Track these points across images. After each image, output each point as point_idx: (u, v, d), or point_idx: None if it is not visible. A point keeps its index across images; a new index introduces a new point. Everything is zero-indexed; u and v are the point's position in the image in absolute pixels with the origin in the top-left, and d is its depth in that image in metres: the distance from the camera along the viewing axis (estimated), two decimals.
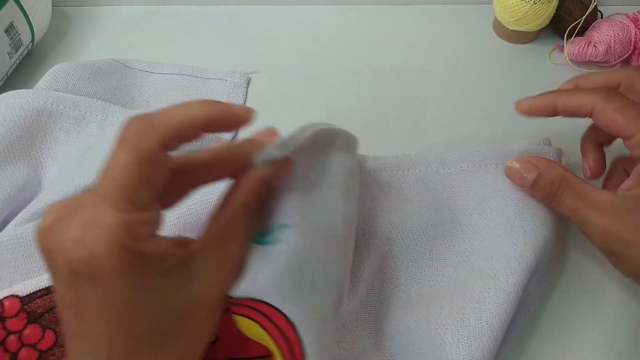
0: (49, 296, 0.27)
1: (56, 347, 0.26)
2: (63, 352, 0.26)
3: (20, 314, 0.26)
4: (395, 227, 0.34)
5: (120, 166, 0.19)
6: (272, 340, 0.24)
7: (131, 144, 0.19)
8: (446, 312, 0.30)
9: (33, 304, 0.26)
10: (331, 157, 0.28)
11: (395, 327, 0.32)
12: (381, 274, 0.33)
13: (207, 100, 0.22)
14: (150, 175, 0.20)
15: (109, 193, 0.19)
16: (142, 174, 0.19)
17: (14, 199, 0.36)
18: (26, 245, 0.31)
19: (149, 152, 0.19)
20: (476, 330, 0.29)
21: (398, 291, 0.33)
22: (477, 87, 0.47)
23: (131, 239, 0.19)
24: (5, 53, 0.44)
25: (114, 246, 0.18)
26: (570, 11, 0.48)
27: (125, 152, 0.19)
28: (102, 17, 0.54)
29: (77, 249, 0.18)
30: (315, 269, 0.25)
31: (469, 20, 0.53)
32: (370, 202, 0.35)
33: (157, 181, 0.20)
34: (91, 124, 0.39)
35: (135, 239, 0.19)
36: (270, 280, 0.23)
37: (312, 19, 0.54)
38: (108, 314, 0.19)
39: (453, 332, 0.29)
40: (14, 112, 0.37)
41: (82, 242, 0.18)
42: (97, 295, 0.19)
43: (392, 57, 0.50)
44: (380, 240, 0.34)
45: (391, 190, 0.36)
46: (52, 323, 0.26)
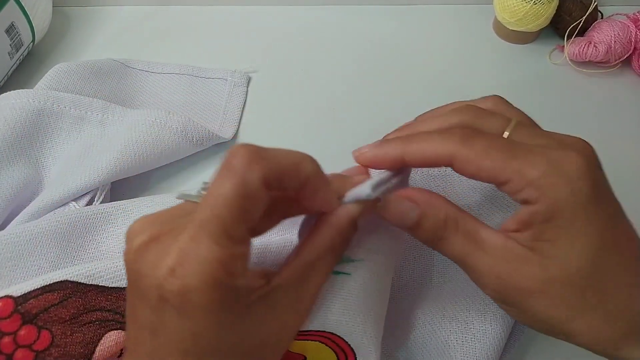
0: (44, 296, 0.26)
1: (52, 347, 0.26)
2: (59, 352, 0.26)
3: (14, 315, 0.26)
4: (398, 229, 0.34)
5: (223, 197, 0.18)
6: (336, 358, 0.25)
7: (236, 176, 0.19)
8: (450, 314, 0.30)
9: (27, 304, 0.26)
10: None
11: (402, 331, 0.32)
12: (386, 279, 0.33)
13: (318, 169, 0.21)
14: (250, 210, 0.19)
15: (209, 224, 0.18)
16: (243, 209, 0.19)
17: (15, 199, 0.36)
18: (26, 243, 0.31)
19: (252, 187, 0.19)
20: (480, 332, 0.29)
21: (402, 292, 0.33)
22: (477, 87, 0.47)
23: (226, 275, 0.19)
24: (5, 53, 0.44)
25: (209, 281, 0.18)
26: (570, 11, 0.48)
27: (229, 183, 0.18)
28: (102, 17, 0.54)
29: (172, 279, 0.18)
30: (376, 302, 0.26)
31: (469, 21, 0.53)
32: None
33: (254, 216, 0.19)
34: (92, 123, 0.39)
35: (230, 275, 0.19)
36: (342, 317, 0.24)
37: (312, 19, 0.54)
38: (187, 346, 0.19)
39: (457, 334, 0.29)
40: (15, 112, 0.37)
41: (177, 274, 0.18)
42: (182, 326, 0.19)
43: (392, 57, 0.50)
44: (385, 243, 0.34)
45: None
46: (47, 323, 0.26)
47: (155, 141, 0.37)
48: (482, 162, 0.22)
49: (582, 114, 0.45)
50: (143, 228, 0.20)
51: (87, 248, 0.33)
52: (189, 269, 0.18)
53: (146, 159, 0.37)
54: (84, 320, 0.27)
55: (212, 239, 0.18)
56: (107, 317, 0.27)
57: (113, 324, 0.27)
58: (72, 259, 0.32)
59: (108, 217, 0.33)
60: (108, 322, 0.27)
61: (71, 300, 0.27)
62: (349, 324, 0.24)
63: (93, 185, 0.35)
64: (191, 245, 0.18)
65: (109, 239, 0.33)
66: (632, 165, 0.42)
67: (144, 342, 0.20)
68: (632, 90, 0.47)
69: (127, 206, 0.34)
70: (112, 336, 0.27)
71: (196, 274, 0.18)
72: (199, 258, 0.18)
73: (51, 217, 0.33)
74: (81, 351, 0.26)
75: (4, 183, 0.36)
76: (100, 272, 0.27)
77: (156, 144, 0.37)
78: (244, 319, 0.20)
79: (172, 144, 0.38)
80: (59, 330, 0.26)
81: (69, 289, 0.27)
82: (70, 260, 0.32)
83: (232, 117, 0.45)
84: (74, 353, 0.26)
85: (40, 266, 0.31)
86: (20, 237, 0.31)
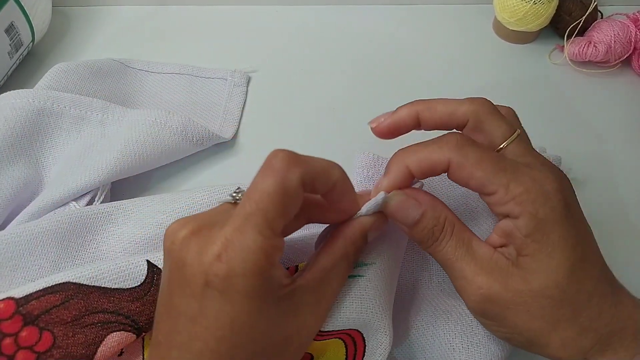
0: (46, 297, 0.26)
1: (54, 348, 0.26)
2: (61, 354, 0.26)
3: (15, 316, 0.26)
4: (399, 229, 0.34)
5: (266, 193, 0.20)
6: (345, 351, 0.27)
7: (279, 175, 0.21)
8: (454, 318, 0.30)
9: (29, 305, 0.26)
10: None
11: (402, 329, 0.32)
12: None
13: (344, 174, 0.23)
14: (289, 207, 0.21)
15: (254, 217, 0.20)
16: (283, 205, 0.21)
17: (15, 199, 0.36)
18: (26, 243, 0.31)
19: (292, 185, 0.21)
20: (485, 336, 0.29)
21: (404, 293, 0.33)
22: (477, 87, 0.47)
23: (268, 264, 0.20)
24: (5, 53, 0.44)
25: (253, 268, 0.20)
26: (570, 11, 0.48)
27: (272, 181, 0.20)
28: (102, 17, 0.54)
29: (218, 264, 0.20)
30: (387, 299, 0.27)
31: (469, 20, 0.53)
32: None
33: (292, 213, 0.21)
34: (92, 123, 0.39)
35: (270, 264, 0.21)
36: (359, 315, 0.25)
37: (312, 19, 0.54)
38: (224, 331, 0.20)
39: (462, 337, 0.29)
40: (15, 112, 0.37)
41: (223, 258, 0.20)
42: (223, 311, 0.20)
43: (392, 57, 0.50)
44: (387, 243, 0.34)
45: None
46: (49, 324, 0.26)
47: (155, 141, 0.37)
48: (474, 171, 0.24)
49: (582, 114, 0.45)
50: (185, 224, 0.21)
51: (87, 248, 0.33)
52: (234, 255, 0.20)
53: (146, 158, 0.37)
54: (86, 322, 0.27)
55: (257, 229, 0.20)
56: (110, 319, 0.27)
57: (115, 325, 0.27)
58: (73, 258, 0.32)
59: (108, 217, 0.33)
60: (110, 324, 0.27)
61: (73, 301, 0.27)
62: (364, 319, 0.26)
63: (93, 185, 0.35)
64: (236, 235, 0.20)
65: (109, 238, 0.33)
66: (632, 165, 0.42)
67: (181, 331, 0.21)
68: (632, 90, 0.47)
69: (127, 206, 0.34)
70: (114, 337, 0.27)
71: (241, 260, 0.20)
72: (243, 246, 0.20)
73: (51, 217, 0.33)
74: (83, 352, 0.26)
75: (4, 183, 0.36)
76: (103, 274, 0.27)
77: (156, 144, 0.37)
78: (273, 312, 0.21)
79: (172, 144, 0.38)
80: (60, 332, 0.26)
81: (71, 291, 0.27)
82: (70, 260, 0.32)
83: (232, 117, 0.45)
84: (75, 354, 0.26)
85: (40, 266, 0.31)
86: (20, 237, 0.31)
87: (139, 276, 0.27)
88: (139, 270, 0.27)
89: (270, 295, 0.21)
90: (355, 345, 0.26)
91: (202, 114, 0.45)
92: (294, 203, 0.21)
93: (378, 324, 0.26)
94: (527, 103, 0.46)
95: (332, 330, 0.25)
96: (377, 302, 0.26)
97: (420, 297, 0.32)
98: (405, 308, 0.32)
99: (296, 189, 0.21)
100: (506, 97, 0.47)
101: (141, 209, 0.34)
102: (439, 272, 0.33)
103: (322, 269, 0.24)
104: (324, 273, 0.24)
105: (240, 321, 0.20)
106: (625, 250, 0.37)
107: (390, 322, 0.27)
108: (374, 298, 0.26)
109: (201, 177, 0.41)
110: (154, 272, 0.28)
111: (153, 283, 0.28)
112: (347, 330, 0.26)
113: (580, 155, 0.42)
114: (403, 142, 0.43)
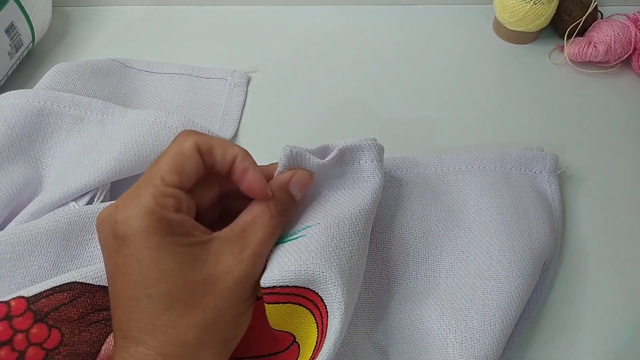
0: (55, 296, 0.27)
1: (62, 345, 0.26)
2: (68, 351, 0.26)
3: (26, 313, 0.26)
4: (390, 221, 0.34)
5: (164, 154, 0.25)
6: (314, 319, 0.26)
7: (176, 141, 0.25)
8: (449, 313, 0.30)
9: (39, 303, 0.27)
10: (360, 170, 0.31)
11: (395, 324, 0.32)
12: (378, 270, 0.33)
13: (246, 153, 0.26)
14: (184, 166, 0.24)
15: (148, 173, 0.24)
16: (177, 162, 0.24)
17: (15, 199, 0.36)
18: (26, 243, 0.31)
19: (185, 147, 0.25)
20: (479, 332, 0.29)
21: (396, 286, 0.33)
22: (477, 87, 0.48)
23: (157, 206, 0.23)
24: (5, 53, 0.44)
25: (143, 209, 0.23)
26: (570, 11, 0.48)
27: (170, 147, 0.25)
28: (102, 17, 0.54)
29: (117, 213, 0.23)
30: (338, 256, 0.26)
31: (469, 21, 0.53)
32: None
33: (188, 172, 0.24)
34: (91, 123, 0.39)
35: (160, 206, 0.23)
36: (299, 267, 0.25)
37: (312, 19, 0.54)
38: (134, 274, 0.23)
39: (457, 333, 0.29)
40: (15, 112, 0.37)
41: (119, 207, 0.23)
42: (129, 254, 0.23)
43: (392, 57, 0.50)
44: (376, 235, 0.34)
45: (388, 188, 0.36)
46: (57, 322, 0.27)
47: (155, 141, 0.37)
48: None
49: (582, 114, 0.45)
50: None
51: (87, 247, 0.33)
52: (128, 202, 0.23)
53: (146, 158, 0.37)
54: (91, 320, 0.27)
55: (150, 182, 0.24)
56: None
57: None
58: (72, 258, 0.32)
59: None
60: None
61: (80, 299, 0.27)
62: (308, 272, 0.25)
63: (93, 185, 0.35)
64: (133, 189, 0.24)
65: None
66: (631, 165, 0.42)
67: (111, 289, 0.24)
68: (631, 90, 0.47)
69: None
70: None
71: (133, 205, 0.23)
72: (137, 195, 0.23)
73: (51, 216, 0.33)
74: (88, 350, 0.27)
75: (4, 183, 0.36)
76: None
77: (156, 144, 0.37)
78: (181, 252, 0.23)
79: None
80: (67, 329, 0.27)
81: (77, 290, 0.27)
82: (70, 260, 0.32)
83: (232, 117, 0.45)
84: (81, 352, 0.27)
85: (40, 266, 0.31)
86: (19, 237, 0.31)
87: None
88: None
89: (171, 237, 0.23)
90: (319, 309, 0.26)
91: (202, 114, 0.45)
92: (188, 162, 0.24)
93: (324, 275, 0.25)
94: (527, 103, 0.46)
95: (275, 285, 0.25)
96: (318, 255, 0.25)
97: (415, 293, 0.33)
98: (400, 304, 0.32)
99: (190, 151, 0.24)
100: (506, 97, 0.47)
101: None
102: (435, 267, 0.33)
103: (242, 223, 0.26)
104: (244, 225, 0.26)
105: (144, 260, 0.23)
106: (623, 249, 0.37)
107: (345, 276, 0.26)
108: (314, 251, 0.26)
109: None
110: None
111: None
112: (301, 291, 0.26)
113: (579, 155, 0.42)
114: (403, 141, 0.43)
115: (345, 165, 0.31)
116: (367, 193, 0.30)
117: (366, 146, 0.30)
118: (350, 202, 0.29)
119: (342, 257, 0.26)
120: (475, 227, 0.34)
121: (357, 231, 0.28)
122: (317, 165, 0.28)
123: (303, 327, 0.27)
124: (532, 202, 0.35)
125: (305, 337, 0.27)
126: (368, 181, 0.31)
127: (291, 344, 0.28)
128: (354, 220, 0.28)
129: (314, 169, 0.28)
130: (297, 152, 0.28)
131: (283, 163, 0.28)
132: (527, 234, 0.33)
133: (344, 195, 0.30)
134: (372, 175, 0.31)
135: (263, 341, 0.29)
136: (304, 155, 0.28)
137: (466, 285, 0.31)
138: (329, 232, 0.27)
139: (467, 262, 0.33)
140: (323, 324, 0.26)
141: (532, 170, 0.38)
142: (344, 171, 0.31)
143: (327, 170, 0.30)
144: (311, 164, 0.28)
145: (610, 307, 0.34)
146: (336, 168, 0.30)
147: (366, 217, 0.29)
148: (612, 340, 0.33)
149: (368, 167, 0.31)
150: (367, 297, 0.33)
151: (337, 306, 0.25)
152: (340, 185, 0.30)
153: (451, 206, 0.35)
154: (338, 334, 0.25)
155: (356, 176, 0.31)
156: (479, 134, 0.44)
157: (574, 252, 0.37)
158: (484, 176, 0.36)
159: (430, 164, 0.37)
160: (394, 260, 0.34)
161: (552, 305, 0.34)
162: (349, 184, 0.30)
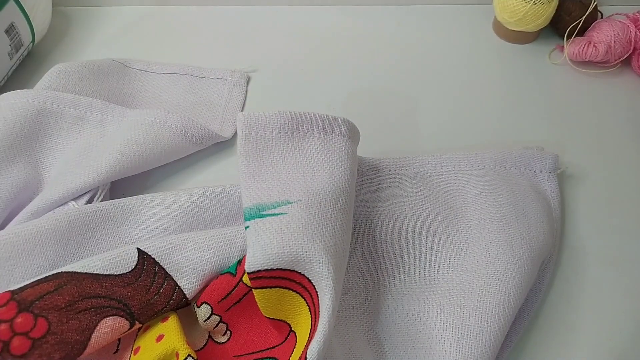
0: (40, 285, 0.27)
1: (49, 334, 0.26)
2: (56, 340, 0.26)
3: (9, 302, 0.26)
4: (388, 217, 0.35)
5: None
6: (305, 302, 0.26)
7: None
8: (446, 310, 0.30)
9: (23, 292, 0.26)
10: (332, 142, 0.32)
11: (391, 319, 0.32)
12: (375, 264, 0.33)
13: None
14: None
15: None
16: None
17: (15, 198, 0.36)
18: (25, 243, 0.31)
19: None
20: (476, 329, 0.29)
21: (393, 281, 0.33)
22: (477, 87, 0.47)
23: None
24: (5, 53, 0.44)
25: None
26: (570, 11, 0.48)
27: None
28: (102, 17, 0.54)
29: None
30: (321, 233, 0.26)
31: (469, 20, 0.53)
32: (365, 197, 0.35)
33: None
34: (91, 123, 0.39)
35: None
36: (282, 250, 0.25)
37: (312, 19, 0.54)
38: None
39: (453, 329, 0.29)
40: (15, 112, 0.37)
41: None
42: None
43: (392, 57, 0.50)
44: (374, 230, 0.34)
45: (387, 186, 0.36)
46: (43, 311, 0.26)
47: (154, 141, 0.37)
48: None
49: (582, 114, 0.45)
50: None
51: (86, 246, 0.33)
52: None
53: (146, 158, 0.37)
54: (79, 308, 0.27)
55: None
56: (103, 304, 0.27)
57: (108, 310, 0.27)
58: (72, 257, 0.32)
59: (107, 215, 0.33)
60: (104, 309, 0.27)
61: (66, 287, 0.27)
62: (292, 254, 0.25)
63: (93, 184, 0.35)
64: None
65: (108, 237, 0.33)
66: (631, 165, 0.42)
67: None
68: (631, 90, 0.47)
69: (127, 205, 0.34)
70: (108, 322, 0.27)
71: None
72: None
73: (50, 216, 0.33)
74: (77, 338, 0.26)
75: (3, 183, 0.36)
76: (95, 262, 0.28)
77: (156, 144, 0.37)
78: None
79: (171, 144, 0.38)
80: (55, 318, 0.26)
81: (64, 278, 0.27)
82: (70, 259, 0.32)
83: (231, 117, 0.45)
84: (70, 340, 0.26)
85: (39, 265, 0.31)
86: (19, 236, 0.31)
87: (130, 263, 0.28)
88: (129, 257, 0.28)
89: None
90: (309, 291, 0.26)
91: (201, 114, 0.45)
92: None
93: (307, 254, 0.25)
94: (527, 103, 0.46)
95: (259, 269, 0.25)
96: (301, 234, 0.26)
97: (412, 288, 0.33)
98: (397, 299, 0.32)
99: None
100: (506, 97, 0.47)
101: (140, 208, 0.34)
102: (433, 263, 0.33)
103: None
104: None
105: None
106: (623, 249, 0.37)
107: (331, 252, 0.26)
108: (296, 230, 0.26)
109: (201, 177, 0.41)
110: (144, 258, 0.28)
111: (143, 269, 0.28)
112: (286, 274, 0.26)
113: (579, 155, 0.42)
114: (403, 141, 0.43)
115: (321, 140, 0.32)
116: (345, 168, 0.31)
117: (338, 121, 0.32)
118: (330, 178, 0.29)
119: (326, 234, 0.27)
120: (474, 225, 0.34)
121: (339, 207, 0.28)
122: (279, 134, 0.30)
123: (295, 312, 0.27)
124: (532, 201, 0.35)
125: (300, 323, 0.27)
126: (343, 157, 0.31)
127: (288, 334, 0.28)
128: (335, 197, 0.28)
129: (273, 135, 0.30)
130: (255, 117, 0.30)
131: (242, 131, 0.30)
132: (525, 232, 0.33)
133: (321, 170, 0.30)
134: (345, 150, 0.32)
135: (261, 335, 0.29)
136: (261, 119, 0.30)
137: (464, 282, 0.31)
138: (310, 209, 0.27)
139: (466, 259, 0.33)
140: (315, 305, 0.26)
141: (532, 170, 0.38)
142: (320, 147, 0.31)
143: (297, 142, 0.31)
144: (268, 133, 0.30)
145: (609, 306, 0.34)
146: (306, 141, 0.31)
147: (346, 192, 0.29)
148: (611, 340, 0.33)
149: (340, 142, 0.32)
150: (364, 291, 0.33)
151: (325, 283, 0.25)
152: (318, 160, 0.31)
153: (450, 203, 0.35)
154: (330, 311, 0.25)
155: (331, 151, 0.32)
156: (478, 133, 0.44)
157: (573, 252, 0.37)
158: (484, 175, 0.36)
159: (430, 164, 0.37)
160: (391, 256, 0.34)
161: (551, 304, 0.34)
162: (324, 158, 0.31)
